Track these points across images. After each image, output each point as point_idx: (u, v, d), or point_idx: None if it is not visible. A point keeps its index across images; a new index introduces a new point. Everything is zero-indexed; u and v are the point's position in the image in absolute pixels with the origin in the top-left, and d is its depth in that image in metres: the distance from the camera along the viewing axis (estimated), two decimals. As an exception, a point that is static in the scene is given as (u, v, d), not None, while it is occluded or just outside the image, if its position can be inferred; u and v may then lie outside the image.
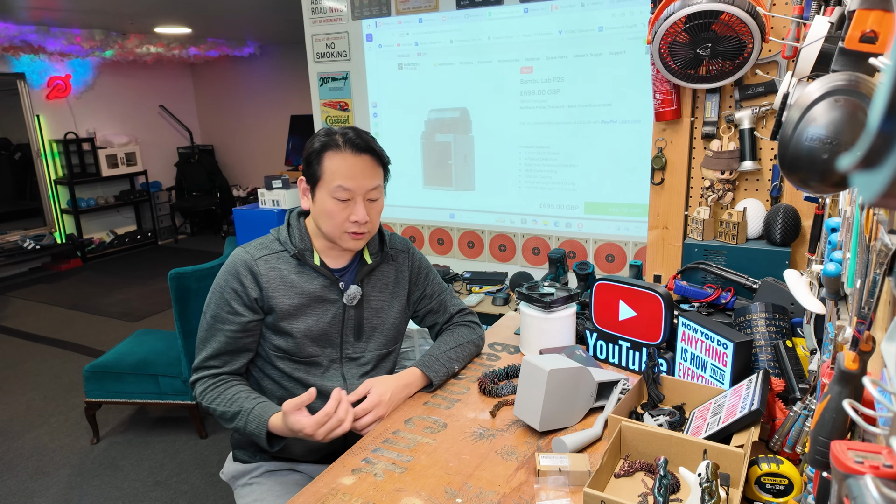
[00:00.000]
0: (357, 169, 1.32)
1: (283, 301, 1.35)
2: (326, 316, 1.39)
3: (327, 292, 1.39)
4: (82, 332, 4.45)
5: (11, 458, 2.83)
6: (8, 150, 6.44)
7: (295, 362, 1.40)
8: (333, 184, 1.31)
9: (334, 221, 1.33)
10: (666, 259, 1.94)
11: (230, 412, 1.30)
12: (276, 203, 3.42)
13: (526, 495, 1.04)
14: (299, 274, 1.38)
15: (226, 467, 1.54)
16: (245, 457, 1.49)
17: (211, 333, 1.37)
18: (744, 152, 1.73)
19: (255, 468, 1.48)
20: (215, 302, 1.37)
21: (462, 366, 1.53)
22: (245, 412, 1.28)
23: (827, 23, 0.97)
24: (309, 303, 1.38)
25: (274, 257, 1.37)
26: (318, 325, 1.39)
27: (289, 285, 1.36)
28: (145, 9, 4.67)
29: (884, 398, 0.48)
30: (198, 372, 1.38)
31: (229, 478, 1.52)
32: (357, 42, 3.21)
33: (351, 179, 1.31)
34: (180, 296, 2.61)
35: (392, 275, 1.50)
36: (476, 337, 1.58)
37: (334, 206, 1.32)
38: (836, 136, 0.70)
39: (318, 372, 1.41)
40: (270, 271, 1.35)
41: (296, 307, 1.36)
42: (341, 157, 1.31)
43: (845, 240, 0.87)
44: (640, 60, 2.55)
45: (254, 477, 1.47)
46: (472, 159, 3.09)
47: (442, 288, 1.61)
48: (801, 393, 1.14)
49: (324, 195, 1.33)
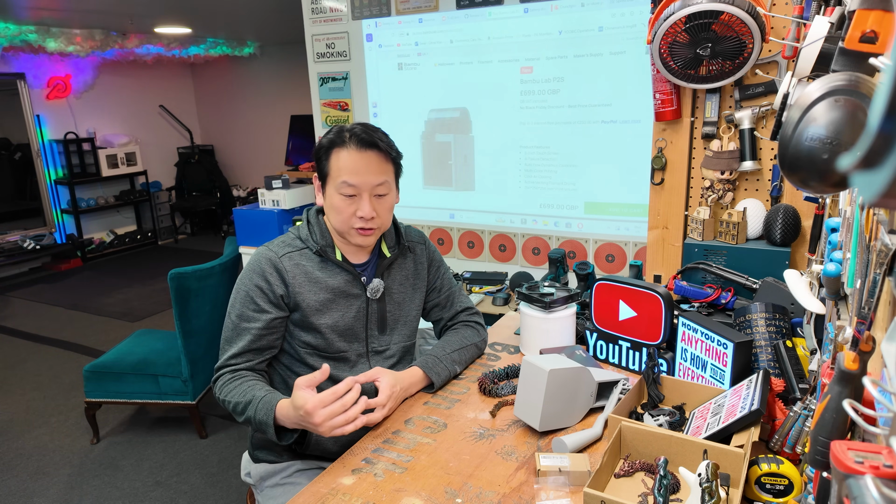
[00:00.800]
0: (362, 164, 1.33)
1: (309, 297, 1.36)
2: (351, 310, 1.41)
3: (351, 287, 1.41)
4: (82, 332, 4.45)
5: (11, 458, 2.83)
6: (8, 150, 6.44)
7: (324, 358, 1.40)
8: (339, 179, 1.33)
9: (341, 217, 1.35)
10: (666, 259, 1.94)
11: (242, 402, 1.29)
12: (276, 203, 3.41)
13: (526, 495, 1.04)
14: (323, 270, 1.39)
15: (251, 469, 1.49)
16: (271, 457, 1.46)
17: (237, 333, 1.37)
18: (744, 152, 1.73)
19: (286, 467, 1.44)
20: (240, 301, 1.37)
21: (464, 368, 1.53)
22: (256, 400, 1.27)
23: (827, 23, 0.97)
24: (334, 297, 1.39)
25: (297, 254, 1.39)
26: (343, 319, 1.40)
27: (313, 281, 1.37)
28: (145, 9, 4.67)
29: (884, 398, 0.48)
30: (220, 371, 1.38)
31: (257, 479, 1.47)
32: (357, 42, 3.21)
33: (355, 175, 1.32)
34: (180, 296, 2.61)
35: (412, 267, 1.52)
36: (479, 340, 1.58)
37: (341, 201, 1.34)
38: (836, 136, 0.70)
39: (347, 367, 1.42)
40: (295, 268, 1.37)
41: (322, 302, 1.37)
42: (347, 153, 1.33)
43: (845, 240, 0.87)
44: (640, 60, 2.55)
45: (285, 477, 1.44)
46: (472, 159, 3.09)
47: (451, 283, 1.61)
48: (801, 393, 1.14)
49: (331, 191, 1.35)
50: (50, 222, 6.27)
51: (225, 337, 1.39)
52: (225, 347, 1.38)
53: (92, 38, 5.68)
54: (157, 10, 4.73)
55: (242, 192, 7.48)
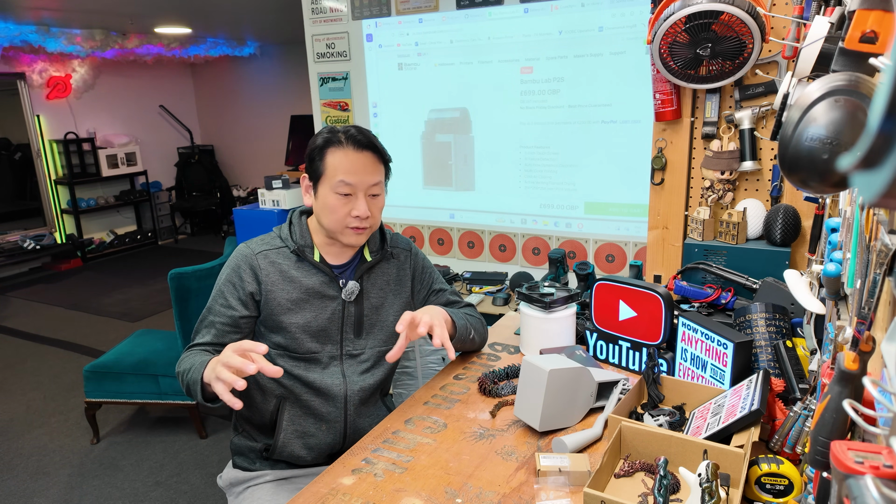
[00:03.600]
0: (359, 164, 1.34)
1: (280, 295, 1.37)
2: (325, 312, 1.40)
3: (326, 288, 1.40)
4: (82, 332, 4.45)
5: (11, 458, 2.83)
6: (8, 150, 6.44)
7: (294, 359, 1.40)
8: (335, 178, 1.33)
9: (336, 216, 1.35)
10: (666, 259, 1.94)
11: (187, 369, 1.28)
12: (276, 203, 3.41)
13: (526, 495, 1.04)
14: (299, 269, 1.39)
15: (224, 473, 1.51)
16: (245, 463, 1.46)
17: (203, 325, 1.40)
18: (744, 152, 1.73)
19: (258, 476, 1.44)
20: (214, 295, 1.40)
21: (471, 336, 1.53)
22: (197, 363, 1.25)
23: (827, 23, 0.97)
24: (307, 298, 1.38)
25: (274, 252, 1.39)
26: (316, 320, 1.39)
27: (288, 279, 1.38)
28: (145, 9, 4.67)
29: (884, 398, 0.48)
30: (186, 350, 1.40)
31: (226, 485, 1.49)
32: (357, 42, 3.21)
33: (353, 174, 1.33)
34: (180, 296, 2.61)
35: (394, 273, 1.51)
36: (481, 326, 1.59)
37: (336, 200, 1.34)
38: (836, 136, 0.70)
39: (318, 369, 1.41)
40: (270, 266, 1.38)
41: (294, 301, 1.37)
42: (343, 153, 1.33)
43: (845, 240, 0.87)
44: (640, 60, 2.55)
45: (255, 485, 1.44)
46: (472, 159, 3.09)
47: (446, 287, 1.62)
48: (801, 393, 1.14)
49: (326, 190, 1.35)
50: (50, 222, 6.27)
51: (195, 327, 1.42)
52: (193, 336, 1.41)
53: (92, 38, 5.68)
54: (157, 10, 4.73)
55: (242, 192, 7.48)
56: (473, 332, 1.54)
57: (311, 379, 1.39)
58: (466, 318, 1.53)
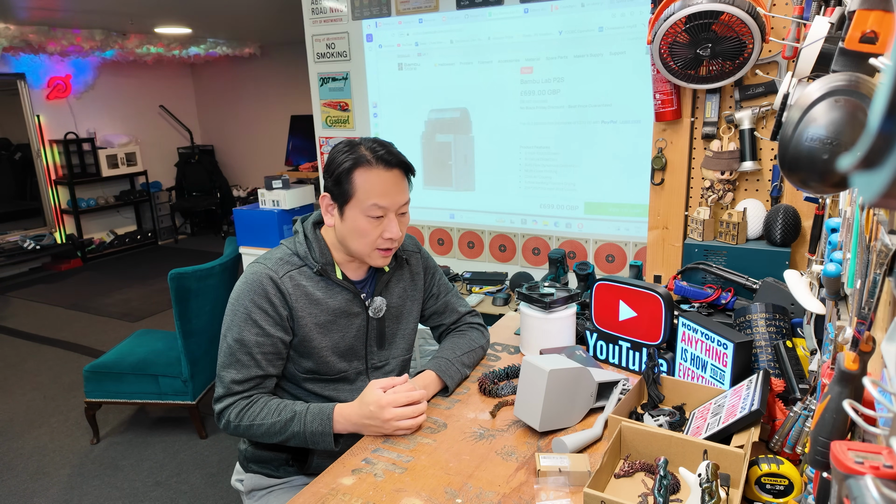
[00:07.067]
0: (390, 184, 1.28)
1: (309, 319, 1.31)
2: (351, 330, 1.37)
3: (351, 306, 1.37)
4: (82, 332, 4.45)
5: (11, 458, 2.83)
6: (8, 150, 6.44)
7: (324, 381, 1.37)
8: (368, 202, 1.26)
9: (367, 239, 1.29)
10: (666, 259, 1.94)
11: (281, 420, 1.23)
12: (276, 203, 3.41)
13: (526, 495, 1.04)
14: (323, 290, 1.34)
15: (244, 478, 1.44)
16: (267, 470, 1.43)
17: (236, 359, 1.28)
18: (744, 152, 1.73)
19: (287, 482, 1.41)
20: (239, 324, 1.28)
21: (471, 371, 1.51)
22: (300, 414, 1.23)
23: (827, 23, 0.97)
24: (335, 318, 1.35)
25: (297, 273, 1.32)
26: (343, 340, 1.36)
27: (314, 302, 1.32)
28: (145, 9, 4.67)
29: (884, 398, 0.48)
30: (224, 400, 1.28)
31: (248, 489, 1.43)
32: (357, 42, 3.21)
33: (385, 197, 1.27)
34: (180, 296, 2.61)
35: (408, 277, 1.49)
36: (485, 342, 1.57)
37: (367, 224, 1.28)
38: (836, 136, 0.70)
39: (347, 386, 1.39)
40: (296, 289, 1.31)
41: (322, 325, 1.33)
42: (375, 174, 1.26)
43: (845, 240, 0.87)
44: (640, 61, 2.55)
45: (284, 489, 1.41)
46: (472, 159, 3.09)
47: (448, 288, 1.59)
48: (802, 393, 1.14)
49: (356, 213, 1.28)
50: (50, 222, 6.27)
51: (222, 363, 1.29)
52: (223, 375, 1.28)
53: (92, 38, 5.68)
54: (157, 10, 4.73)
55: (242, 192, 7.48)
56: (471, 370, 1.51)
57: (341, 398, 1.36)
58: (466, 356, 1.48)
